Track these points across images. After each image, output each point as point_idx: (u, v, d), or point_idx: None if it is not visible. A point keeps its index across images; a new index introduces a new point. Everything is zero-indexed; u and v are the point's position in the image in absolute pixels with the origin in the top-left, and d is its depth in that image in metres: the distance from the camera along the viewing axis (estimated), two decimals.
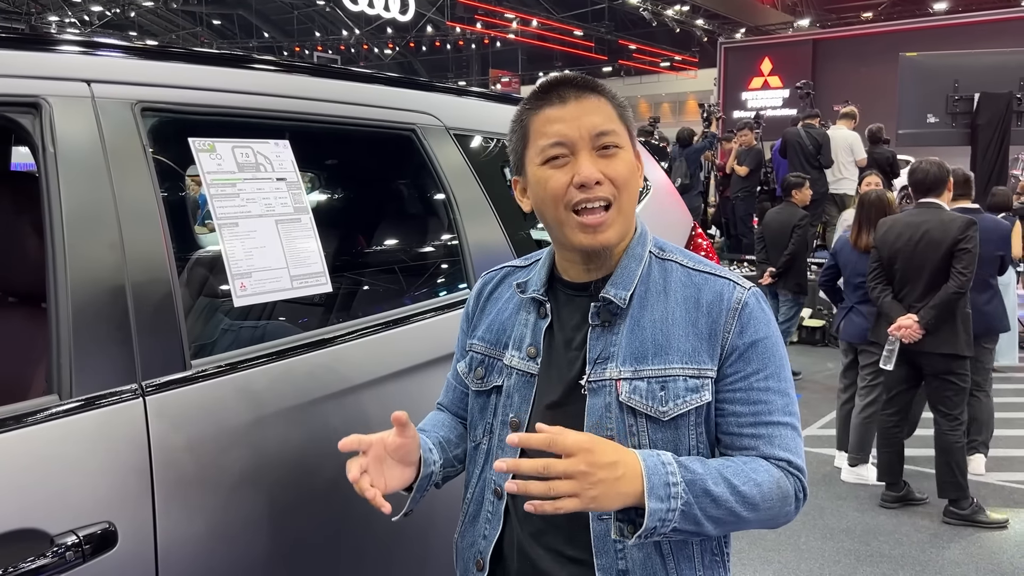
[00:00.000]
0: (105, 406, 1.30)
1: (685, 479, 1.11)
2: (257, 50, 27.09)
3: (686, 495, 1.10)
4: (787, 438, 1.22)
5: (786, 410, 1.23)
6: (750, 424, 1.22)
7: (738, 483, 1.15)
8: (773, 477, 1.19)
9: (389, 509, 1.19)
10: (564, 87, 1.25)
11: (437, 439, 1.39)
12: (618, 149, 1.23)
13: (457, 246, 2.00)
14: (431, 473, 1.33)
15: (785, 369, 1.26)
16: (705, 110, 11.24)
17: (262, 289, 1.53)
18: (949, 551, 3.76)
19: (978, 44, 11.80)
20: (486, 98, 2.32)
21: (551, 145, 1.22)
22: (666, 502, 1.09)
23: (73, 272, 1.31)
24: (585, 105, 1.23)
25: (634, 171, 1.25)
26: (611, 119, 1.24)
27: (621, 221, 1.24)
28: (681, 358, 1.22)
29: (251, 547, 1.45)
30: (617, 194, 1.22)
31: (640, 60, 30.82)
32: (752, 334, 1.23)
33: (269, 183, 1.62)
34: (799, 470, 1.22)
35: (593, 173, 1.20)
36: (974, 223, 3.92)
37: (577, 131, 1.21)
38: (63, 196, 1.33)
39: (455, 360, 1.47)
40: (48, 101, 1.36)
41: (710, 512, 1.12)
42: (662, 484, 1.09)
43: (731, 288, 1.25)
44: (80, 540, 1.21)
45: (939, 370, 4.01)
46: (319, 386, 1.60)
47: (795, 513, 1.23)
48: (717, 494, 1.13)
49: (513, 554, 1.30)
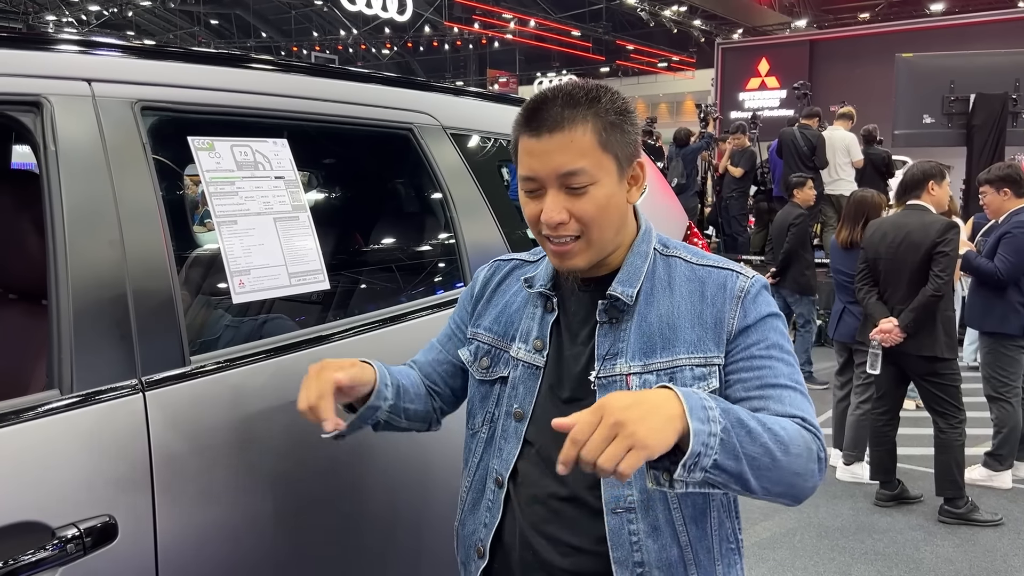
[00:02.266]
0: (105, 401, 1.31)
1: (719, 406, 1.06)
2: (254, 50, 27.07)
3: (723, 420, 1.04)
4: (797, 399, 1.19)
5: (791, 376, 1.22)
6: (756, 387, 1.21)
7: (766, 421, 1.10)
8: (794, 426, 1.14)
9: (331, 426, 1.26)
10: (544, 111, 1.20)
11: (397, 382, 1.40)
12: (588, 186, 1.20)
13: (454, 245, 2.02)
14: (377, 408, 1.36)
15: (787, 343, 1.26)
16: (702, 110, 11.27)
17: (260, 286, 1.55)
18: (943, 549, 3.79)
19: (974, 45, 11.85)
20: (483, 98, 2.34)
21: (524, 179, 1.25)
22: (707, 424, 1.02)
23: (74, 269, 1.32)
24: (559, 139, 1.19)
25: (607, 205, 1.22)
26: (585, 153, 1.19)
27: (592, 251, 1.25)
28: (687, 348, 1.24)
29: (250, 540, 1.47)
30: (585, 229, 1.22)
31: (637, 60, 30.85)
32: (755, 315, 1.25)
33: (268, 181, 1.64)
34: (817, 429, 1.17)
35: (554, 216, 1.20)
36: (955, 226, 3.94)
37: (545, 169, 1.20)
38: (64, 194, 1.34)
39: (446, 328, 1.51)
40: (49, 100, 1.37)
41: (747, 447, 1.05)
42: (699, 406, 1.03)
43: (735, 277, 1.28)
44: (81, 533, 1.23)
45: (921, 372, 4.03)
46: None
47: (819, 477, 1.16)
48: (751, 426, 1.07)
49: (515, 542, 1.32)
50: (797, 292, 6.72)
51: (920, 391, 4.16)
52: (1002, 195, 4.34)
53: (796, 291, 6.71)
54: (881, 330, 3.98)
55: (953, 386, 4.00)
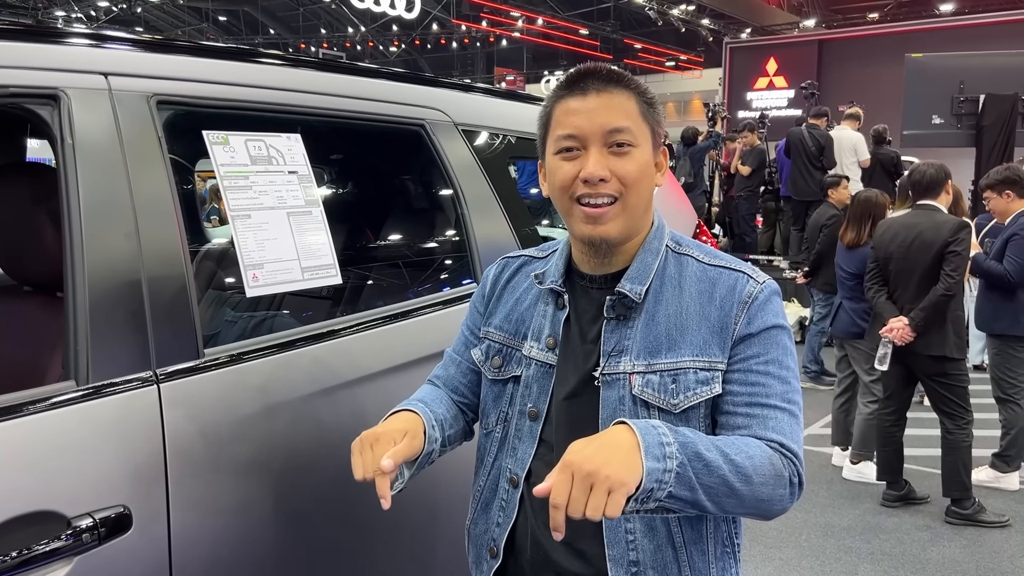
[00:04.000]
0: (120, 392, 1.32)
1: (678, 440, 1.07)
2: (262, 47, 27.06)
3: (680, 455, 1.06)
4: (782, 422, 1.20)
5: (784, 396, 1.21)
6: (744, 404, 1.21)
7: (730, 452, 1.11)
8: (765, 453, 1.15)
9: (388, 504, 1.18)
10: (589, 79, 1.25)
11: (441, 419, 1.37)
12: (631, 148, 1.23)
13: (464, 241, 2.02)
14: (432, 452, 1.32)
15: (789, 359, 1.25)
16: (710, 109, 11.25)
17: (274, 280, 1.56)
18: (950, 550, 3.78)
19: (984, 45, 11.80)
20: (494, 94, 2.34)
21: (565, 136, 1.24)
22: (662, 462, 1.04)
23: (90, 261, 1.33)
24: (606, 99, 1.23)
25: (646, 171, 1.25)
26: (630, 116, 1.23)
27: (625, 217, 1.24)
28: (692, 351, 1.23)
29: (261, 532, 1.48)
30: (624, 192, 1.23)
31: (645, 59, 30.79)
32: (759, 324, 1.23)
33: (281, 176, 1.64)
34: (793, 454, 1.18)
35: (598, 171, 1.21)
36: (967, 226, 3.93)
37: (591, 126, 1.22)
38: (80, 187, 1.35)
39: (460, 336, 1.49)
40: (66, 93, 1.38)
41: (703, 479, 1.08)
42: (656, 444, 1.05)
43: (744, 281, 1.26)
44: (96, 523, 1.24)
45: (929, 372, 4.02)
46: (329, 376, 1.63)
47: (791, 500, 1.17)
48: (709, 459, 1.09)
49: (527, 543, 1.32)
50: (825, 292, 6.72)
51: (928, 391, 4.16)
52: (1005, 198, 4.34)
53: (826, 291, 6.71)
54: (892, 328, 3.97)
55: (961, 387, 3.99)
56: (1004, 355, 4.31)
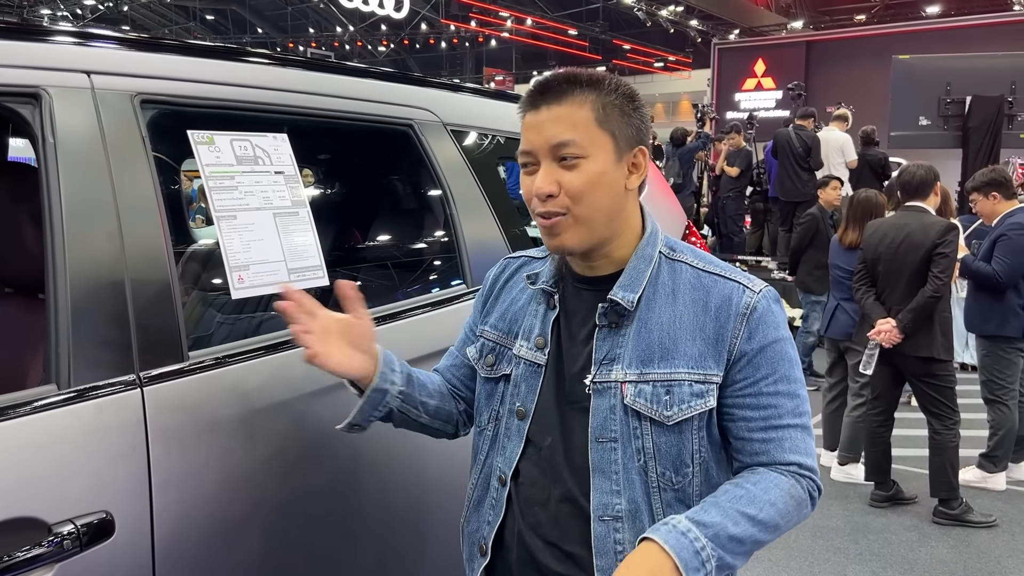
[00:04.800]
0: (103, 396, 1.30)
1: (708, 536, 1.11)
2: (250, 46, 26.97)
3: (715, 552, 1.11)
4: (797, 440, 1.23)
5: (795, 412, 1.24)
6: (760, 428, 1.23)
7: (755, 513, 1.16)
8: (785, 490, 1.20)
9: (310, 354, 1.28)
10: (544, 90, 1.23)
11: (409, 371, 1.41)
12: (579, 160, 1.20)
13: (453, 242, 2.01)
14: (385, 391, 1.36)
15: (795, 370, 1.26)
16: (699, 110, 11.27)
17: (260, 282, 1.54)
18: (938, 550, 3.79)
19: (970, 47, 11.88)
20: (483, 94, 2.33)
21: (522, 152, 1.24)
22: (702, 569, 1.09)
23: (72, 262, 1.31)
24: (555, 112, 1.21)
25: (598, 180, 1.21)
26: (578, 126, 1.20)
27: (580, 229, 1.22)
28: (687, 363, 1.22)
29: (247, 536, 1.46)
30: (572, 204, 1.21)
31: (634, 60, 30.85)
32: (761, 339, 1.22)
33: (267, 176, 1.62)
34: (810, 470, 1.24)
35: (543, 186, 1.20)
36: (955, 227, 3.95)
37: (539, 140, 1.21)
38: (62, 186, 1.33)
39: (461, 334, 1.52)
40: (48, 92, 1.36)
41: (738, 552, 1.14)
42: (691, 553, 1.09)
43: (740, 292, 1.24)
44: (77, 529, 1.22)
45: (917, 373, 4.04)
46: (315, 379, 1.60)
47: (810, 512, 1.25)
48: (741, 536, 1.14)
49: (513, 543, 1.31)
50: (804, 291, 6.74)
51: (915, 392, 4.17)
52: (992, 199, 4.36)
53: (804, 290, 6.73)
54: (879, 330, 3.98)
55: (948, 388, 4.01)
56: (993, 356, 4.33)
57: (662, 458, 1.22)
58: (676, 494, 1.23)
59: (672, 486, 1.23)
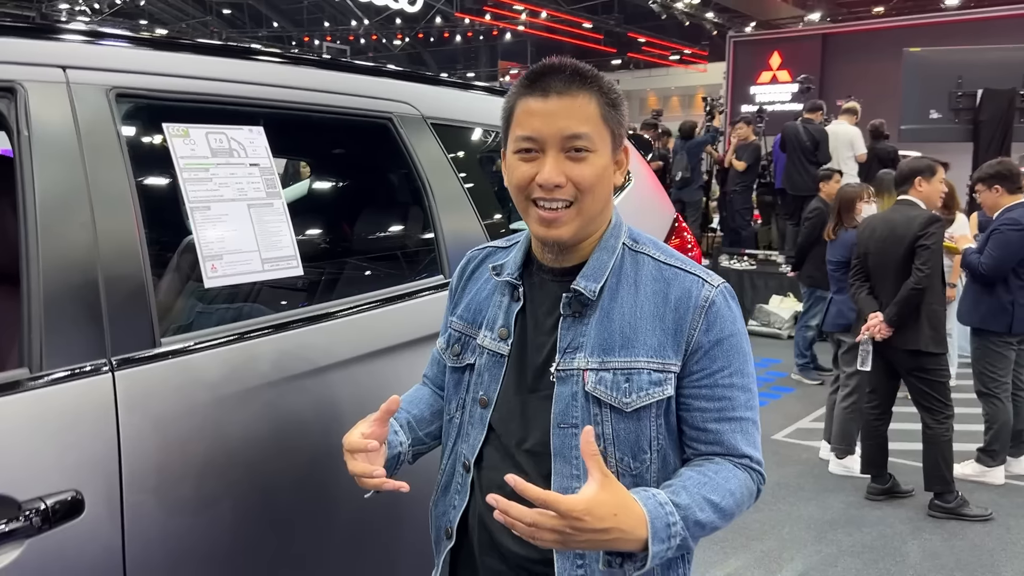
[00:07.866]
0: (74, 379, 1.35)
1: (680, 516, 1.15)
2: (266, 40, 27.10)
3: (683, 532, 1.15)
4: (748, 432, 1.29)
5: (747, 405, 1.29)
6: (714, 419, 1.27)
7: (718, 500, 1.21)
8: (741, 481, 1.26)
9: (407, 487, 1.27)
10: (552, 77, 1.23)
11: (407, 419, 1.45)
12: (589, 153, 1.23)
13: (432, 236, 2.04)
14: (398, 455, 1.39)
15: (749, 365, 1.30)
16: (708, 103, 11.22)
17: (233, 271, 1.58)
18: (931, 543, 3.80)
19: (988, 40, 11.70)
20: (465, 88, 2.36)
21: (524, 138, 1.25)
22: (667, 542, 1.13)
23: (46, 251, 1.36)
24: (567, 102, 1.22)
25: (603, 175, 1.25)
26: (589, 120, 1.23)
27: (580, 221, 1.26)
28: (647, 352, 1.25)
29: (217, 519, 1.51)
30: (579, 196, 1.24)
31: (649, 53, 30.69)
32: (718, 332, 1.26)
33: (242, 168, 1.67)
34: (759, 463, 1.30)
35: (554, 177, 1.22)
36: (937, 220, 3.96)
37: (549, 130, 1.22)
38: (37, 178, 1.38)
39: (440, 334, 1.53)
40: (23, 86, 1.40)
41: (697, 535, 1.19)
42: (663, 526, 1.13)
43: (699, 285, 1.28)
44: (48, 507, 1.27)
45: (907, 367, 4.04)
46: (287, 366, 1.65)
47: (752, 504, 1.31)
48: (704, 521, 1.19)
49: (476, 525, 1.36)
50: (809, 286, 6.70)
51: (908, 386, 4.17)
52: (994, 192, 4.35)
53: (809, 284, 6.69)
54: (868, 325, 4.00)
55: (939, 381, 4.00)
56: (984, 350, 4.34)
57: (621, 444, 1.26)
58: (634, 479, 1.26)
59: (630, 471, 1.26)
